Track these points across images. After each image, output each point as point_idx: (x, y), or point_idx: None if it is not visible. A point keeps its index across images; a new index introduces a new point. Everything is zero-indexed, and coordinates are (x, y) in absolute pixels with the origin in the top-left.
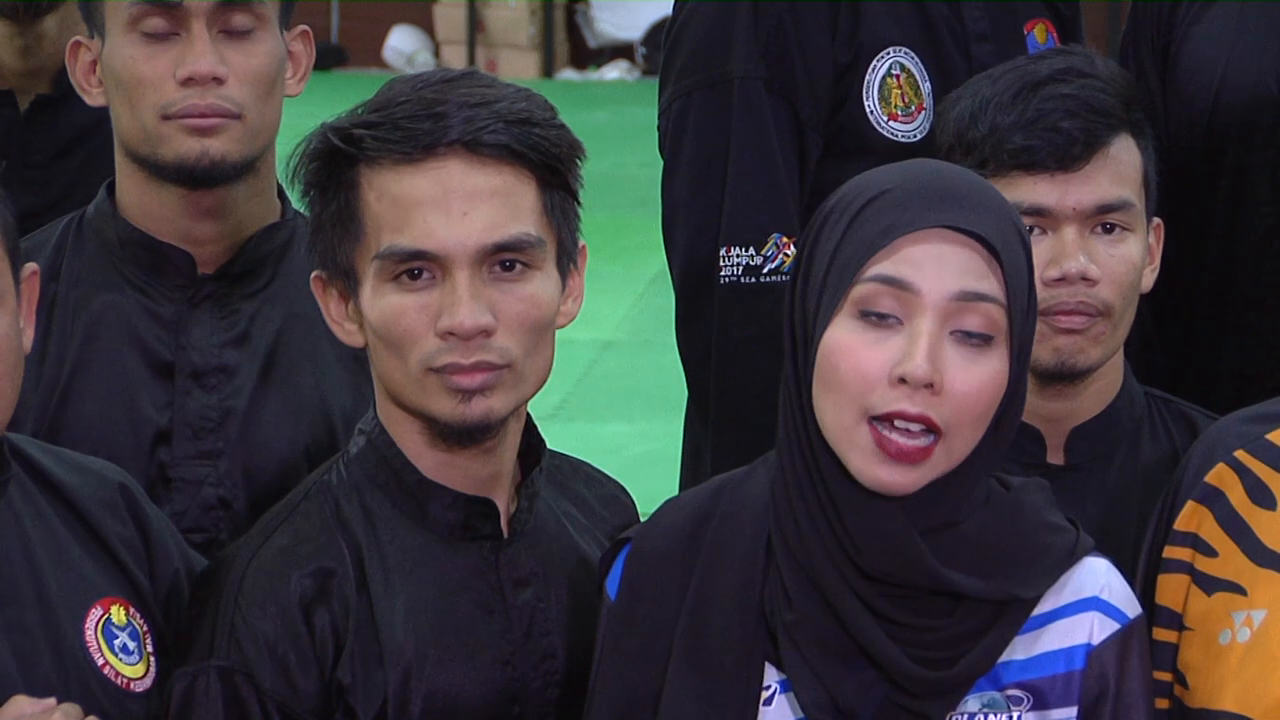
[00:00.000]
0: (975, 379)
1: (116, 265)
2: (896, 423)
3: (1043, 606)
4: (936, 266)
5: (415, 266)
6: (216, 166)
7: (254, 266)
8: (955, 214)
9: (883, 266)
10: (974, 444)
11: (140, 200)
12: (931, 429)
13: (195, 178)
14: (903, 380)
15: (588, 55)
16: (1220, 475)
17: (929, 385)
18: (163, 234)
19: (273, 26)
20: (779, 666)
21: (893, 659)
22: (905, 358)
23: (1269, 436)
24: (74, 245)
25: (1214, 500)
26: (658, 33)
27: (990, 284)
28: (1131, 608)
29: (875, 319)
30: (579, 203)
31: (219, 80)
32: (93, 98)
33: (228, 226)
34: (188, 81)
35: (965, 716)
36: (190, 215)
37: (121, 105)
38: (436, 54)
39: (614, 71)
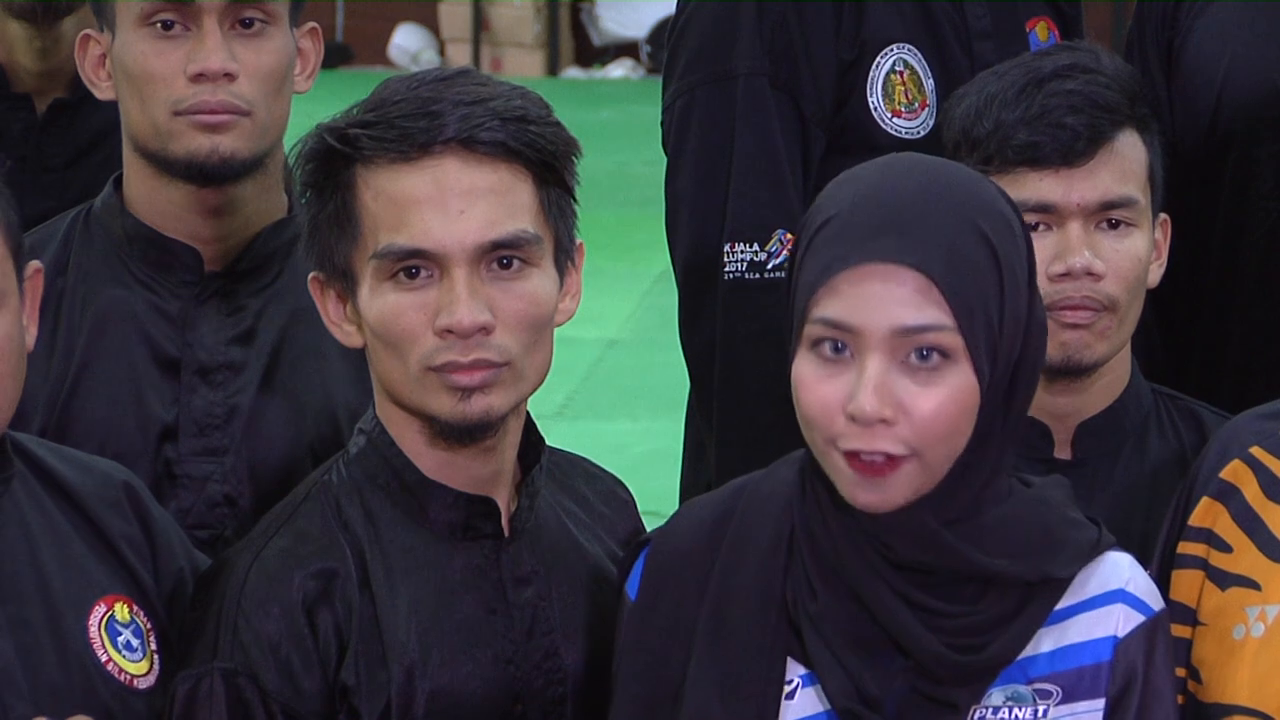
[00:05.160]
0: (933, 403)
1: (123, 260)
2: (862, 455)
3: (1068, 600)
4: (874, 305)
5: (413, 265)
6: (226, 163)
7: (261, 263)
8: (890, 243)
9: (824, 308)
10: (953, 456)
11: (148, 196)
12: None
13: (205, 174)
14: (854, 417)
15: (592, 53)
16: (1235, 471)
17: (882, 420)
18: (170, 230)
19: (283, 24)
20: (801, 660)
21: (922, 643)
22: (853, 396)
23: None
24: (81, 239)
25: (1229, 496)
26: (663, 31)
27: (932, 313)
28: (1156, 601)
29: (828, 351)
30: (576, 200)
31: (230, 77)
32: (102, 91)
33: (235, 224)
34: (198, 78)
35: (990, 710)
36: (198, 212)
37: (132, 101)
38: (441, 52)
39: (619, 70)
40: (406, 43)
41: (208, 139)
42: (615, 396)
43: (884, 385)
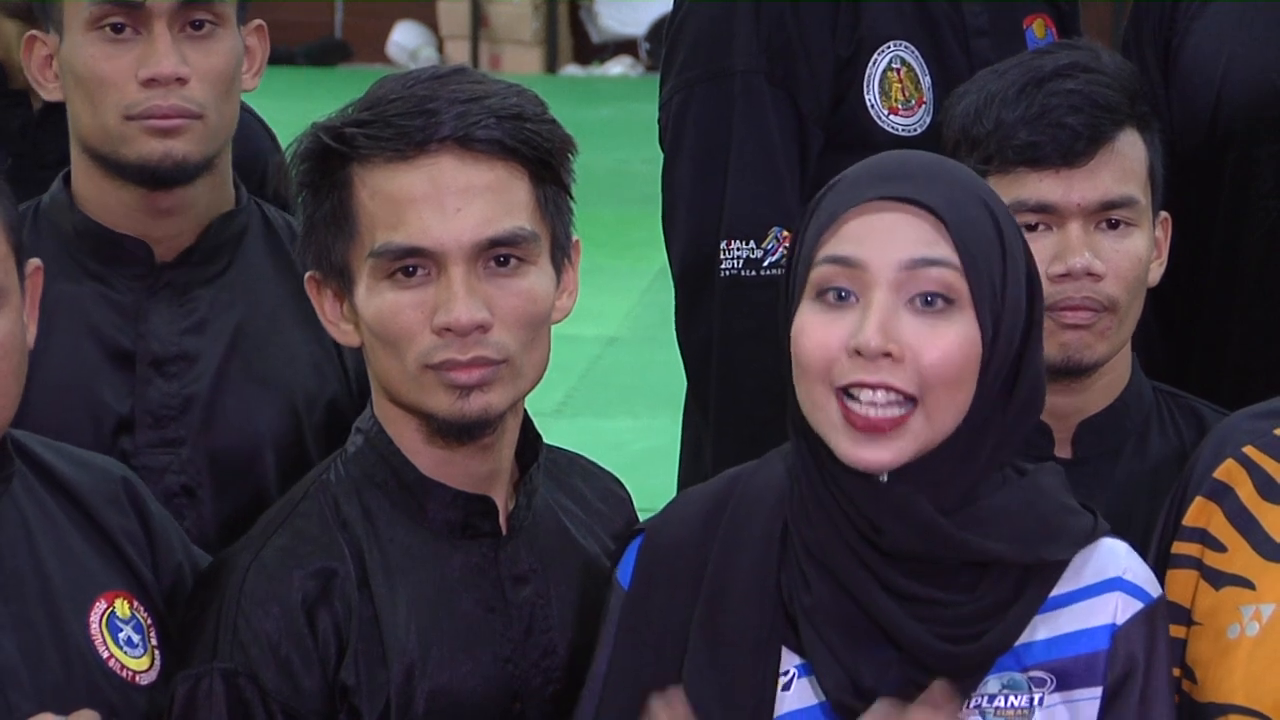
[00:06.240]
0: (939, 345)
1: (73, 256)
2: (864, 395)
3: (1064, 587)
4: (881, 238)
5: (410, 264)
6: (179, 167)
7: (212, 254)
8: (898, 186)
9: (830, 247)
10: (958, 411)
11: (97, 195)
12: (899, 394)
13: (157, 178)
14: (859, 352)
15: (591, 51)
16: (1229, 471)
17: (887, 354)
18: (120, 227)
19: (231, 24)
20: (797, 651)
21: (913, 637)
22: (858, 330)
23: (1278, 432)
24: (30, 236)
25: (1223, 496)
26: (661, 28)
27: (940, 249)
28: (1153, 588)
29: (832, 299)
30: (572, 197)
31: (181, 81)
32: (49, 93)
33: (186, 223)
34: (150, 82)
35: (986, 698)
36: (148, 213)
37: (82, 104)
38: (440, 49)
39: (618, 67)
40: (405, 40)
41: (160, 143)
42: (614, 394)
43: (890, 321)
